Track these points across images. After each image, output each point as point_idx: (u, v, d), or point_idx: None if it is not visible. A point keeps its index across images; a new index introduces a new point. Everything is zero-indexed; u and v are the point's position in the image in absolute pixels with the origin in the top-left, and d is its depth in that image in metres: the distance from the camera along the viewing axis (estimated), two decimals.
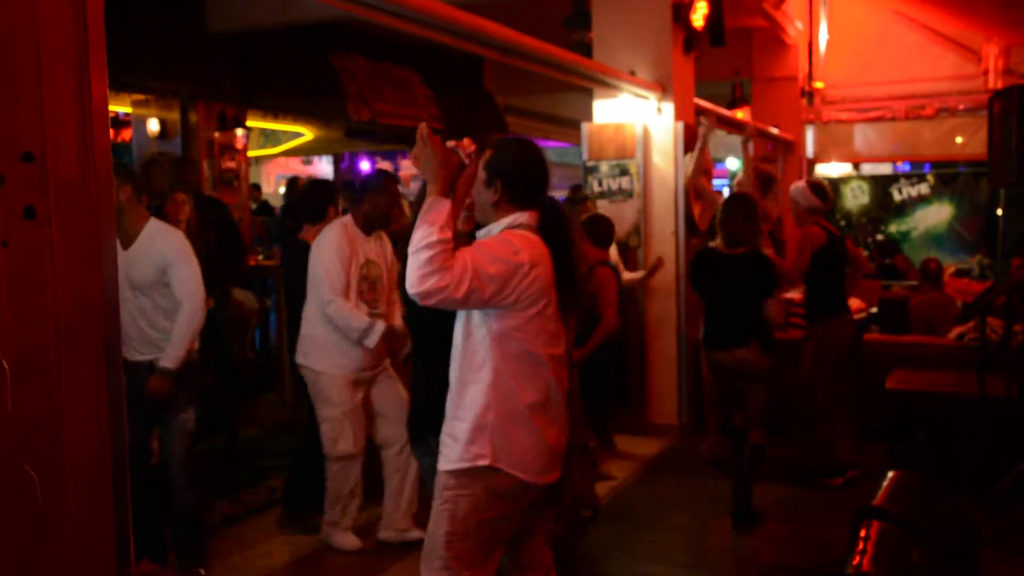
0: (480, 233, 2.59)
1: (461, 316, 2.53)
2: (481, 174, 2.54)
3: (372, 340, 4.10)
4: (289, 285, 4.83)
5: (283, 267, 4.11)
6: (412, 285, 2.30)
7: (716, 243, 4.80)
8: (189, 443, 3.92)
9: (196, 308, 3.79)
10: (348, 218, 4.26)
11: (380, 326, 4.12)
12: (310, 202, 4.92)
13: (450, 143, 2.47)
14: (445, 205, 2.36)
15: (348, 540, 4.28)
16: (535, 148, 2.66)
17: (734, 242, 4.66)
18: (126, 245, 3.76)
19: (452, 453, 2.52)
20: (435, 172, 2.39)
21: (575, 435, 2.70)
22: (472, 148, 2.50)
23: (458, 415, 2.52)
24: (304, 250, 4.40)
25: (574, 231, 2.74)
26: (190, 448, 3.93)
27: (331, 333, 4.14)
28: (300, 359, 4.28)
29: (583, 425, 2.81)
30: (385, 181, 4.26)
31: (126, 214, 3.74)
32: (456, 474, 2.51)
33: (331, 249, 4.10)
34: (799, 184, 5.62)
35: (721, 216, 4.77)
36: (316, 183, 5.08)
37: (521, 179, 2.55)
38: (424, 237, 2.30)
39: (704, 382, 5.52)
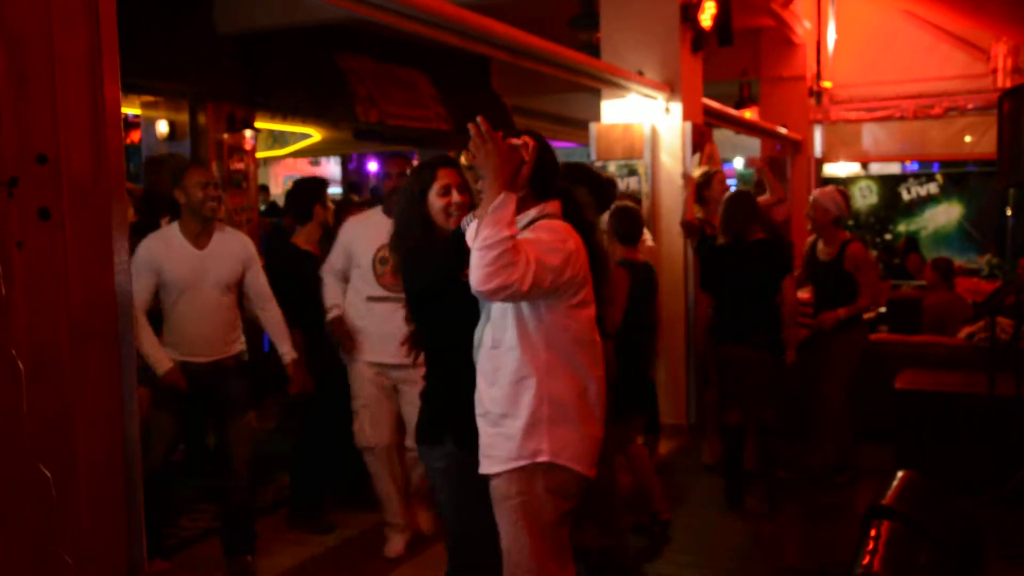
0: (494, 229, 2.45)
1: (503, 311, 2.47)
2: None
3: (327, 319, 4.18)
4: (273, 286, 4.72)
5: (266, 269, 4.09)
6: (480, 282, 2.28)
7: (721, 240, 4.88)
8: (251, 443, 3.95)
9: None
10: (377, 210, 4.30)
11: (332, 313, 4.17)
12: (296, 201, 4.79)
13: (514, 140, 2.47)
14: (511, 201, 2.33)
15: (391, 544, 4.23)
16: (544, 140, 2.66)
17: (740, 238, 4.75)
18: (201, 245, 3.83)
19: (505, 452, 2.47)
20: (497, 169, 2.36)
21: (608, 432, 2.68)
22: (533, 144, 2.50)
23: (511, 411, 2.47)
24: (290, 254, 4.45)
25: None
26: (252, 448, 3.96)
27: (359, 321, 4.14)
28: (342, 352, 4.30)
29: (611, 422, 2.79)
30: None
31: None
32: (512, 474, 2.47)
33: (347, 232, 4.23)
34: (830, 190, 5.55)
35: (725, 215, 4.83)
36: (302, 181, 4.95)
37: (540, 172, 2.56)
38: (493, 235, 2.27)
39: (709, 383, 5.52)
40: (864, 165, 12.75)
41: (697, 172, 6.17)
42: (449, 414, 2.64)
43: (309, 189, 4.85)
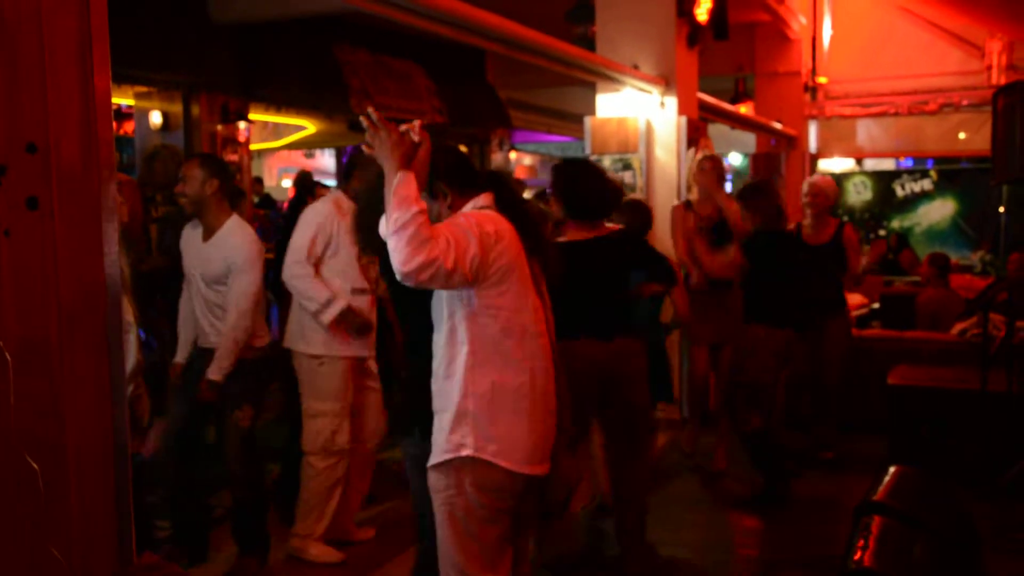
0: None
1: (439, 299, 2.46)
2: (428, 192, 2.50)
3: (328, 315, 3.83)
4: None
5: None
6: (403, 263, 2.21)
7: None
8: (242, 440, 3.84)
9: (240, 319, 3.70)
10: (339, 193, 4.06)
11: (340, 303, 3.84)
12: (298, 195, 4.83)
13: (402, 127, 2.45)
14: (410, 178, 2.30)
15: (327, 552, 4.04)
16: (443, 143, 2.66)
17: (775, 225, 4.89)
18: (206, 238, 3.80)
19: (438, 445, 2.45)
20: (391, 152, 2.34)
21: (563, 424, 2.57)
22: (419, 124, 2.48)
23: (440, 405, 2.45)
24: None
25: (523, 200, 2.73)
26: (244, 445, 3.85)
27: None
28: (294, 344, 4.00)
29: (569, 413, 2.67)
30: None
31: (210, 208, 3.76)
32: (442, 468, 2.43)
33: (311, 219, 3.92)
34: (827, 178, 5.88)
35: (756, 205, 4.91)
36: (299, 177, 4.91)
37: (456, 173, 2.57)
38: (402, 214, 2.22)
39: (695, 370, 5.48)
40: (858, 161, 12.77)
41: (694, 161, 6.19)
42: (418, 405, 2.60)
43: (302, 185, 4.87)
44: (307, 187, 7.62)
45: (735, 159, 13.94)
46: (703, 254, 5.06)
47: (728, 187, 9.84)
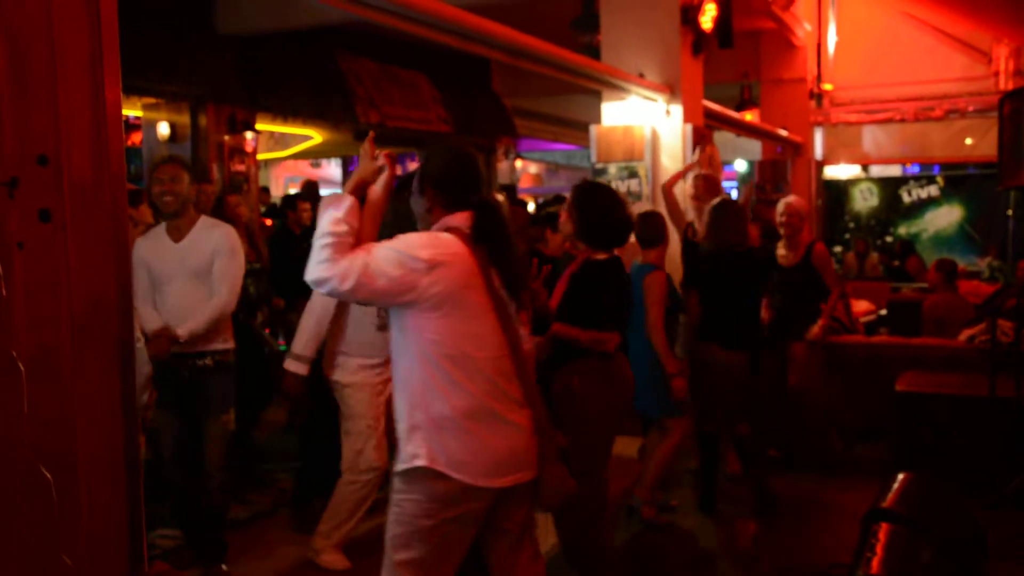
0: None
1: (393, 316, 2.51)
2: (415, 185, 2.61)
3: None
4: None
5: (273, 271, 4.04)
6: (307, 273, 2.39)
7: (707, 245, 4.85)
8: (226, 445, 3.90)
9: (230, 296, 3.87)
10: None
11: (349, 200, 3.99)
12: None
13: (364, 145, 2.60)
14: (344, 200, 2.45)
15: (337, 559, 4.10)
16: (464, 152, 2.65)
17: (728, 247, 4.71)
18: (177, 238, 3.85)
19: (401, 454, 2.50)
20: (356, 174, 2.57)
21: (547, 433, 2.55)
22: (384, 155, 2.61)
23: (398, 416, 2.51)
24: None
25: (511, 229, 2.60)
26: (227, 450, 3.90)
27: (356, 324, 3.98)
28: (328, 371, 4.11)
29: (548, 421, 2.64)
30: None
31: (188, 209, 3.87)
32: (401, 476, 2.47)
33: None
34: (801, 200, 5.77)
35: (711, 224, 4.78)
36: (305, 186, 4.92)
37: (449, 184, 2.56)
38: (319, 231, 2.40)
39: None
40: (865, 167, 12.77)
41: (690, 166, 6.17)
42: None
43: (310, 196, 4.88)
44: (313, 197, 7.67)
45: (740, 166, 13.94)
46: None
47: (735, 195, 9.81)
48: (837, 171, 12.23)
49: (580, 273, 3.54)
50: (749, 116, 10.26)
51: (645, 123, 6.59)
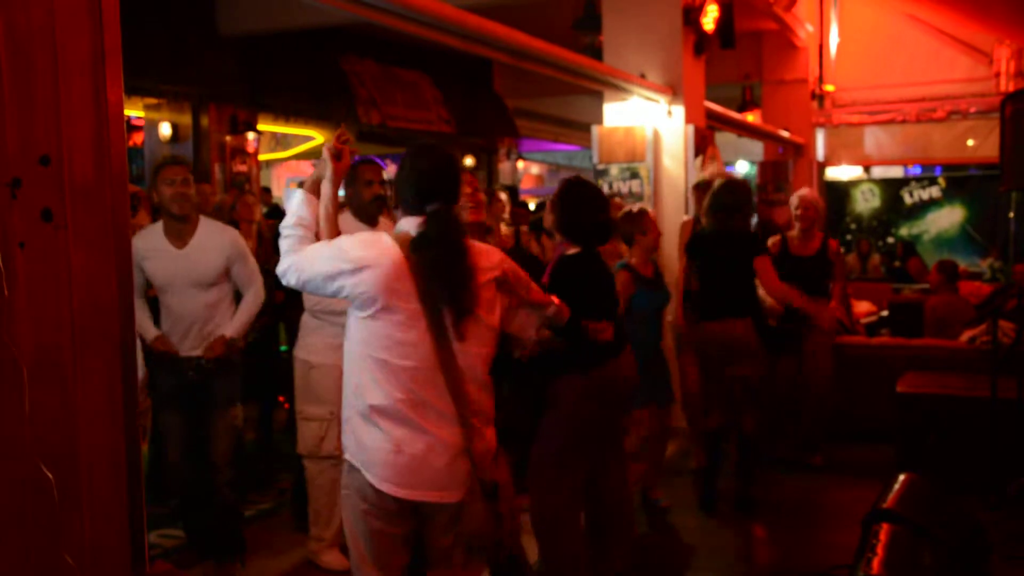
0: None
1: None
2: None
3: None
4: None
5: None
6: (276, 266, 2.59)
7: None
8: (234, 440, 3.89)
9: (259, 294, 3.97)
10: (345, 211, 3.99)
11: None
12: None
13: (325, 147, 2.72)
14: (309, 199, 2.62)
15: (335, 558, 4.03)
16: (429, 155, 2.58)
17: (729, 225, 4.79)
18: (180, 244, 3.81)
19: None
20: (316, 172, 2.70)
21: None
22: (327, 148, 2.71)
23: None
24: None
25: (461, 238, 2.50)
26: (234, 445, 3.90)
27: (319, 320, 3.91)
28: (296, 351, 4.08)
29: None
30: (358, 169, 3.83)
31: (193, 212, 3.84)
32: (345, 465, 2.55)
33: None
34: (815, 193, 5.82)
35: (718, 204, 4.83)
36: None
37: (407, 187, 2.54)
38: (284, 227, 2.59)
39: (686, 381, 5.41)
40: (866, 168, 12.76)
41: (699, 177, 6.17)
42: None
43: None
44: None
45: (742, 167, 13.94)
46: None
47: None
48: (839, 172, 12.23)
49: (556, 268, 3.55)
50: (751, 117, 10.26)
51: (647, 124, 6.59)
